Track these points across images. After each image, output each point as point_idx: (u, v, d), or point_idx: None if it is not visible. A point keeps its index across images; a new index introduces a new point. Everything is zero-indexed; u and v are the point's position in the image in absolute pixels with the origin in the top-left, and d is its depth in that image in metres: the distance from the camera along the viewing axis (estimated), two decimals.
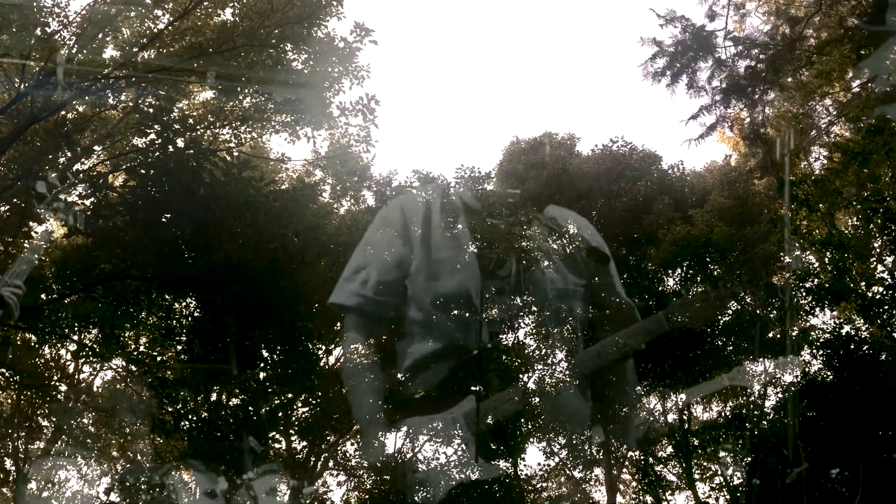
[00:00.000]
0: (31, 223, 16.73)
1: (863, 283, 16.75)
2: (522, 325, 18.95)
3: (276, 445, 20.11)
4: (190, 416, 18.54)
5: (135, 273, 17.76)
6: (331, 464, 22.09)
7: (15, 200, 17.37)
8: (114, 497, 18.99)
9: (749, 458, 17.92)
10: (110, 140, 19.09)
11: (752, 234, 17.99)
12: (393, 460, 22.46)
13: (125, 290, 18.00)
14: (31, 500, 19.61)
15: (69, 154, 18.57)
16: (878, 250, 17.25)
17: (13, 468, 19.03)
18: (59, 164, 17.93)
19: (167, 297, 18.98)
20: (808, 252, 17.49)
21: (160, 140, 17.82)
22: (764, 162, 19.76)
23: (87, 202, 17.60)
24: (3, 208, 17.94)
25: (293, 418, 20.72)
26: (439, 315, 17.48)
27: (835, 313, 17.32)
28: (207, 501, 18.98)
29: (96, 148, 19.21)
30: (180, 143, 18.04)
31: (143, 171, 17.84)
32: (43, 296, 17.51)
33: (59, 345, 19.03)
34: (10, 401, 19.20)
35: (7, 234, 17.11)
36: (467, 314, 17.28)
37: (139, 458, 19.83)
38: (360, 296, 15.98)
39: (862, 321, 16.61)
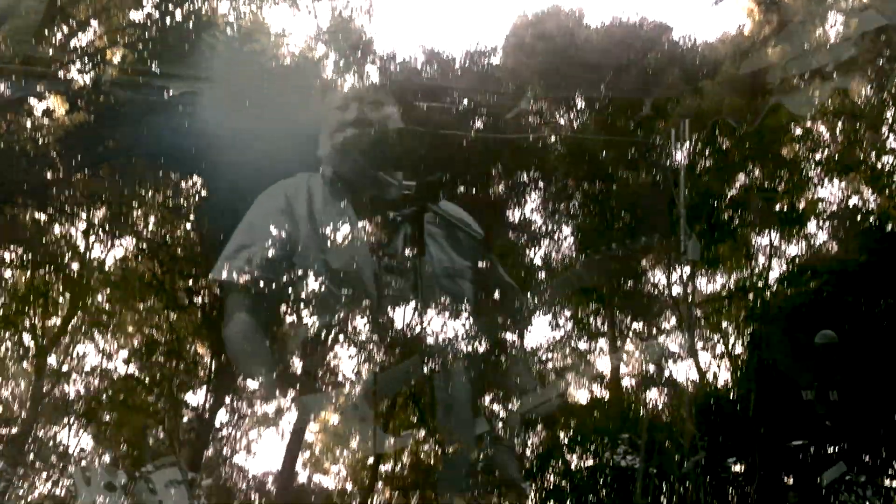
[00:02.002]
0: (30, 100, 16.51)
1: (873, 154, 16.60)
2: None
3: (288, 319, 20.45)
4: (203, 292, 18.84)
5: (140, 151, 17.62)
6: (341, 338, 22.62)
7: (13, 77, 17.05)
8: (132, 368, 19.64)
9: (752, 329, 18.23)
10: (106, 14, 18.56)
11: (764, 106, 17.68)
12: (402, 335, 23.07)
13: (131, 167, 17.91)
14: (52, 374, 20.21)
15: (65, 29, 18.09)
16: (890, 120, 17.01)
17: (32, 343, 19.50)
18: (55, 40, 17.52)
19: (173, 175, 18.91)
20: (819, 122, 17.26)
21: (157, 13, 17.31)
22: (778, 30, 19.19)
23: (87, 78, 17.28)
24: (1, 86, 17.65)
25: (303, 293, 21.06)
26: (329, 292, 17.81)
27: (843, 185, 17.28)
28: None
29: (93, 22, 18.69)
30: (178, 16, 17.53)
31: (141, 47, 17.43)
32: (49, 174, 17.44)
33: (69, 223, 19.12)
34: (24, 278, 19.48)
35: (8, 112, 16.89)
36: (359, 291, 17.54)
37: (154, 332, 20.34)
38: (246, 272, 16.11)
39: (870, 192, 16.57)
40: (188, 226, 19.58)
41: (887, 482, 14.93)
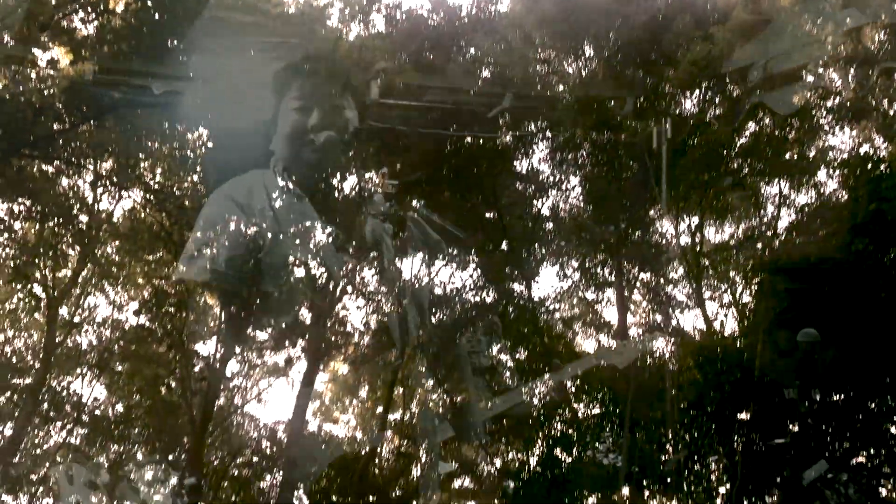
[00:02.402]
0: (34, 51, 16.38)
1: (885, 101, 16.38)
2: None
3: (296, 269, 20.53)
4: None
5: (145, 101, 17.51)
6: (349, 289, 22.75)
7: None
8: (142, 319, 19.81)
9: (759, 279, 18.21)
10: None
11: (776, 52, 17.41)
12: (409, 286, 23.14)
13: (137, 118, 17.84)
14: (64, 325, 20.41)
15: None
16: None
17: (44, 295, 19.66)
18: None
19: (180, 126, 18.83)
20: (831, 69, 17.00)
21: None
22: None
23: (91, 28, 17.13)
24: (6, 37, 17.50)
25: (311, 245, 21.10)
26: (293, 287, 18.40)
27: (854, 133, 17.08)
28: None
29: None
30: None
31: None
32: (55, 125, 17.40)
33: (76, 175, 19.12)
34: (33, 231, 19.56)
35: (12, 63, 16.77)
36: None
37: (164, 284, 20.46)
38: (211, 271, 16.18)
39: (881, 140, 16.38)
40: (195, 177, 19.55)
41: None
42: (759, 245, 18.20)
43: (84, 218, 19.48)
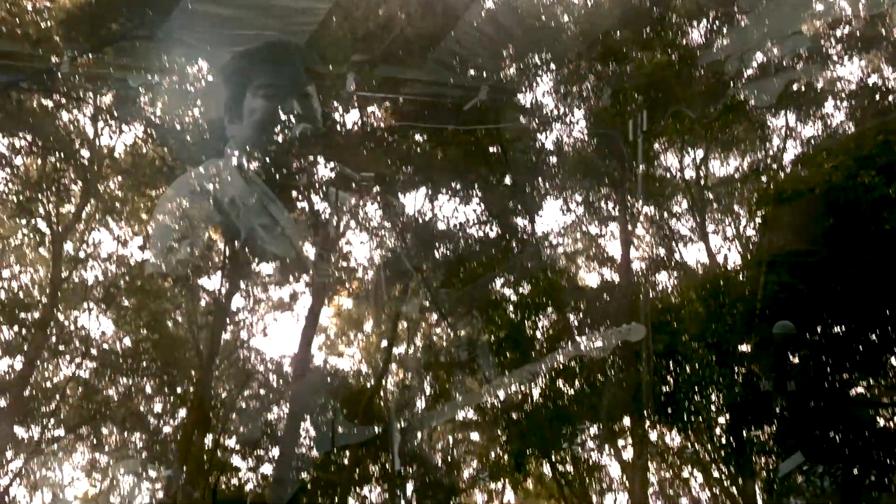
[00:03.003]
0: None
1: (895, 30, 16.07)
2: None
3: (300, 205, 20.54)
4: (214, 179, 18.80)
5: (143, 34, 17.24)
6: (353, 224, 22.76)
7: None
8: (147, 254, 19.86)
9: (764, 211, 18.14)
10: None
11: None
12: (413, 221, 23.13)
13: (136, 51, 17.58)
14: (69, 261, 20.49)
15: None
16: None
17: (48, 230, 19.68)
18: None
19: (179, 59, 18.57)
20: None
21: None
22: None
23: None
24: None
25: (315, 180, 21.03)
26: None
27: (863, 63, 16.80)
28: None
29: None
30: None
31: None
32: (54, 58, 17.16)
33: (76, 109, 18.96)
34: (35, 166, 19.50)
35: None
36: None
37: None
38: (182, 264, 16.12)
39: (891, 71, 16.13)
40: (196, 112, 19.37)
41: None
42: (764, 178, 18.07)
43: (85, 153, 19.38)
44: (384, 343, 24.44)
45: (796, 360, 17.02)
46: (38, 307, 20.15)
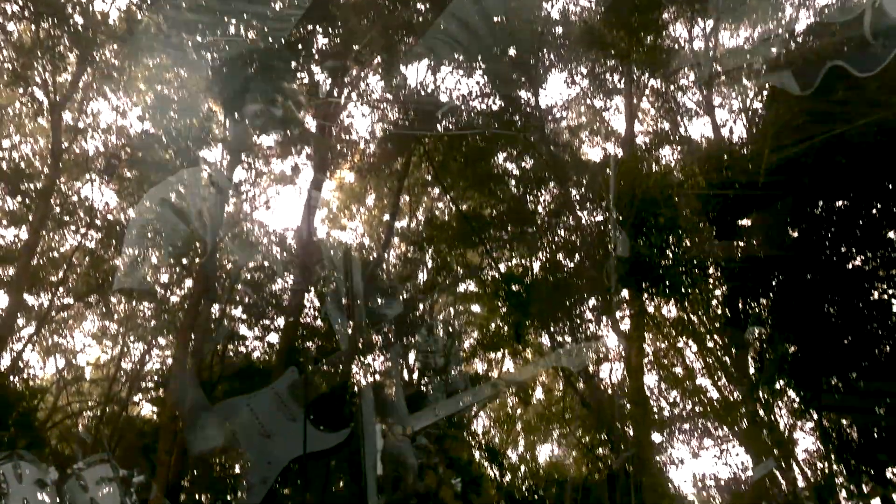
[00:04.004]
0: None
1: None
2: None
3: (300, 76, 20.19)
4: (211, 49, 18.44)
5: None
6: (354, 95, 22.42)
7: None
8: (146, 125, 19.72)
9: (766, 90, 17.78)
10: None
11: None
12: (415, 93, 22.76)
13: None
14: (69, 132, 20.34)
15: None
16: None
17: (45, 100, 19.44)
18: None
19: None
20: None
21: None
22: None
23: None
24: None
25: (314, 51, 20.60)
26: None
27: None
28: None
29: None
30: None
31: None
32: None
33: None
34: (28, 32, 19.03)
35: None
36: None
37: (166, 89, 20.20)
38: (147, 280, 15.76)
39: None
40: None
41: None
42: (775, 49, 17.59)
43: (79, 19, 18.86)
44: (386, 217, 24.57)
45: (795, 234, 17.21)
46: (41, 177, 20.15)
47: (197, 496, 21.31)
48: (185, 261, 21.98)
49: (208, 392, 19.30)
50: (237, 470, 20.17)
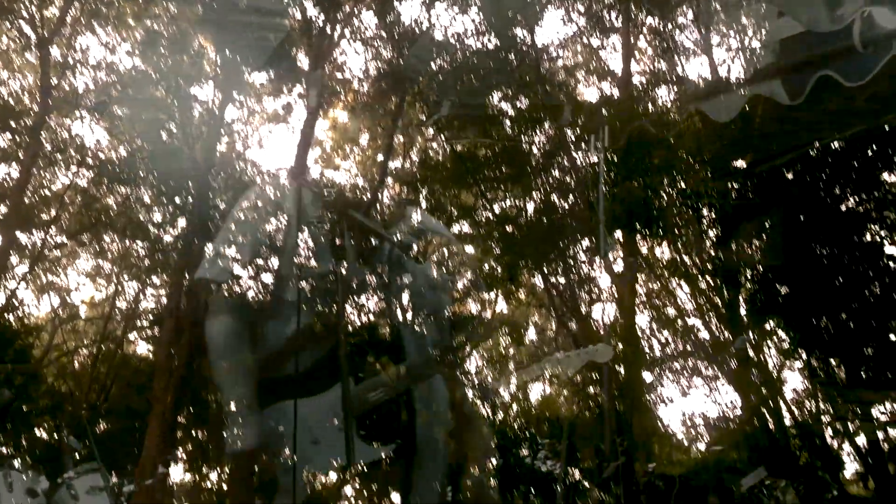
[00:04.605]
0: None
1: None
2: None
3: (292, 11, 19.81)
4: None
5: None
6: (347, 33, 22.08)
7: None
8: (136, 61, 19.40)
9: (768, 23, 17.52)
10: None
11: None
12: (410, 30, 22.40)
13: None
14: (57, 68, 20.01)
15: None
16: None
17: (33, 35, 19.10)
18: None
19: None
20: None
21: None
22: None
23: None
24: None
25: None
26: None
27: None
28: None
29: None
30: None
31: None
32: None
33: None
34: None
35: None
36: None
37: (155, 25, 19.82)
38: (230, 273, 15.16)
39: None
40: None
41: None
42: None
43: None
44: (380, 157, 24.38)
45: (790, 176, 17.17)
46: (30, 114, 19.90)
47: (193, 432, 21.60)
48: (177, 199, 21.84)
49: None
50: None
